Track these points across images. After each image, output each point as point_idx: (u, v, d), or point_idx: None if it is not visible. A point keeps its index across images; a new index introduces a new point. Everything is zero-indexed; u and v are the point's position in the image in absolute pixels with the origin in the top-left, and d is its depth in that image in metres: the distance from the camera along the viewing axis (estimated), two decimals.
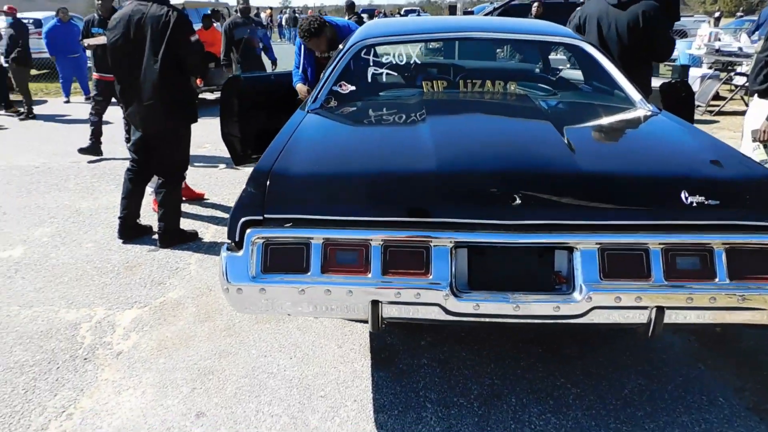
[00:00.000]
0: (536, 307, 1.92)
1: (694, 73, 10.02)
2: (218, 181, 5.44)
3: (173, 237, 3.92)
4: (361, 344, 2.75)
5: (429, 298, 1.93)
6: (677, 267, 1.90)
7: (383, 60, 3.31)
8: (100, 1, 5.94)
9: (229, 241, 2.05)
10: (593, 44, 3.28)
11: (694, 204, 1.92)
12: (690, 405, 2.32)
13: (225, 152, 4.41)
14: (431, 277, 1.94)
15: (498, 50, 4.55)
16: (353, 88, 3.15)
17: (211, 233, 4.17)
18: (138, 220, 4.06)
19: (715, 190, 1.95)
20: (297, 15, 32.16)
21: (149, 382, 2.52)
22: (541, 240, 1.95)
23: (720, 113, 8.76)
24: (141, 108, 3.65)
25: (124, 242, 3.97)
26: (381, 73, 3.28)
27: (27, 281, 3.45)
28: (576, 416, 2.27)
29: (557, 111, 2.82)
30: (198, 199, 4.87)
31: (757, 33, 11.61)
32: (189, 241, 3.96)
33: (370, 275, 1.96)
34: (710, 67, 10.73)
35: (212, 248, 3.87)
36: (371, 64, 3.30)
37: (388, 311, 1.98)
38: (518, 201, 1.94)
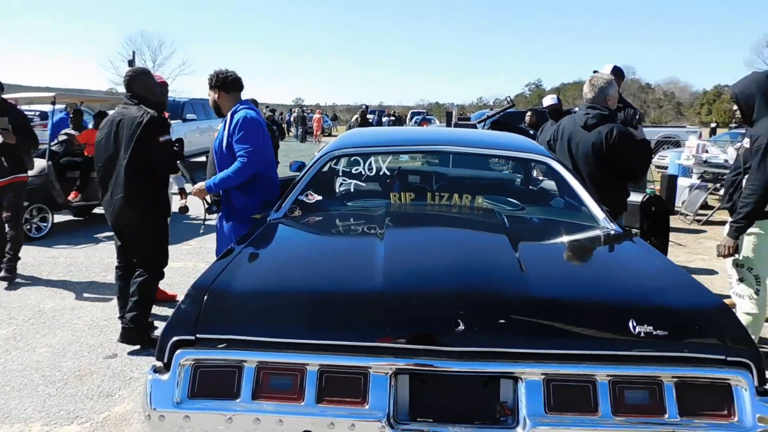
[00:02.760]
0: None
1: (683, 183, 10.21)
2: None
3: (138, 334, 3.86)
4: None
5: (364, 429, 1.81)
6: (625, 401, 1.79)
7: (352, 170, 3.36)
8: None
9: (158, 363, 1.96)
10: (560, 161, 3.33)
11: (643, 334, 1.85)
12: None
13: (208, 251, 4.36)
14: (368, 406, 1.83)
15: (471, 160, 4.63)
16: (320, 197, 3.17)
17: None
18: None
19: (665, 320, 1.89)
20: (305, 114, 33.39)
21: None
22: (486, 369, 1.86)
23: (708, 222, 8.80)
24: (112, 202, 3.81)
25: (122, 345, 3.88)
26: (350, 184, 3.32)
27: None
28: None
29: (518, 228, 2.80)
30: (170, 300, 4.78)
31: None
32: (151, 347, 3.84)
33: (303, 403, 1.85)
34: (699, 178, 10.95)
35: None
36: (340, 174, 3.35)
37: None
38: (462, 327, 1.86)
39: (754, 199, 3.21)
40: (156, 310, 4.37)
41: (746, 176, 3.32)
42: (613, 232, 2.76)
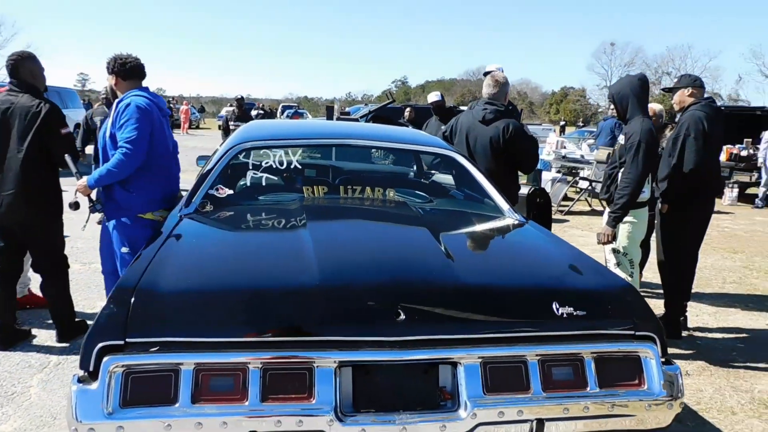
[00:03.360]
0: (423, 427, 1.86)
1: (546, 177, 11.12)
2: (78, 284, 4.90)
3: (72, 329, 3.79)
4: None
5: (312, 425, 1.81)
6: (553, 378, 1.96)
7: (262, 163, 3.28)
8: None
9: (82, 372, 1.80)
10: (463, 154, 3.51)
11: (565, 315, 2.03)
12: None
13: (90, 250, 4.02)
14: (314, 401, 1.82)
15: (374, 153, 4.70)
16: (230, 192, 3.06)
17: (60, 350, 3.68)
18: (16, 324, 3.80)
19: (583, 301, 2.08)
20: (171, 105, 31.40)
21: None
22: (425, 356, 1.93)
23: (569, 213, 9.69)
24: (1, 198, 3.47)
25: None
26: (260, 177, 3.23)
27: None
28: None
29: (435, 220, 2.92)
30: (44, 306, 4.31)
31: (595, 142, 13.23)
32: (20, 341, 3.67)
33: (247, 403, 1.80)
34: (558, 171, 12.00)
35: (60, 367, 3.40)
36: (250, 167, 3.25)
37: None
38: (402, 316, 1.92)
39: (628, 191, 3.63)
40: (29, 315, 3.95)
41: (621, 170, 3.74)
42: (518, 222, 2.97)
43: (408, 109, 11.39)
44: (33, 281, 4.22)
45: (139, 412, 1.76)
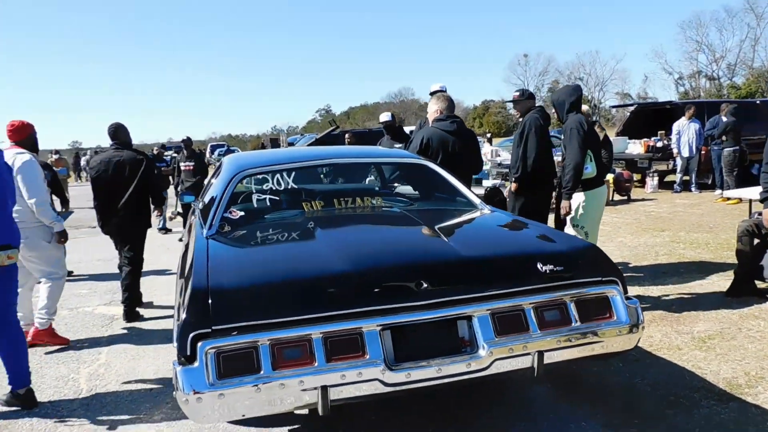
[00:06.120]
0: (453, 367, 2.38)
1: (486, 184, 11.95)
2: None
3: (133, 312, 5.25)
4: None
5: (370, 374, 2.29)
6: (545, 319, 2.53)
7: (263, 187, 3.73)
8: None
9: (180, 357, 2.21)
10: (432, 162, 4.10)
11: (547, 271, 2.61)
12: None
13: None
14: (368, 357, 2.31)
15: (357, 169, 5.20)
16: (242, 213, 3.49)
17: (89, 373, 3.95)
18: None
19: (559, 260, 2.68)
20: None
21: None
22: (446, 314, 2.46)
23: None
24: (120, 220, 5.17)
25: None
26: (264, 199, 3.68)
27: None
28: None
29: (422, 216, 3.46)
30: (58, 344, 4.58)
31: None
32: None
33: (316, 364, 2.27)
34: (495, 178, 12.87)
35: (94, 391, 3.69)
36: (253, 191, 3.70)
37: (336, 393, 2.28)
38: (424, 285, 2.44)
39: (571, 167, 4.42)
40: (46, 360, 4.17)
41: (566, 156, 4.47)
42: (492, 210, 3.57)
43: (348, 134, 12.15)
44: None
45: (233, 381, 2.19)
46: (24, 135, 4.41)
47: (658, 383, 3.38)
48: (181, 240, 8.47)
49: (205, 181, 6.16)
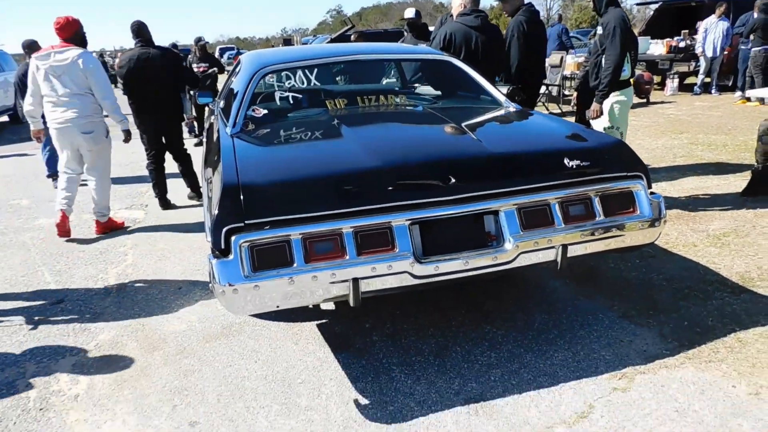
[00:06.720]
0: (480, 260, 2.45)
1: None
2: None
3: (197, 189, 5.77)
4: (314, 338, 3.06)
5: (399, 267, 2.37)
6: (570, 213, 2.57)
7: (285, 84, 3.67)
8: None
9: (214, 251, 2.29)
10: (458, 59, 3.99)
11: (573, 166, 2.61)
12: (583, 323, 3.02)
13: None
14: (397, 250, 2.37)
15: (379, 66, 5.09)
16: (266, 111, 3.46)
17: (117, 273, 4.12)
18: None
19: (586, 155, 2.67)
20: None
21: (125, 412, 2.57)
22: (473, 209, 2.50)
23: None
24: (157, 116, 5.36)
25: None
26: (287, 96, 3.63)
27: None
28: (508, 348, 2.83)
29: (448, 113, 3.41)
30: (118, 229, 5.08)
31: None
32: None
33: (347, 257, 2.33)
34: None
35: (125, 290, 3.86)
36: (276, 89, 3.64)
37: (366, 286, 2.36)
38: (452, 180, 2.46)
39: (611, 69, 4.25)
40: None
41: (604, 56, 4.31)
42: (517, 108, 3.51)
43: (354, 36, 11.60)
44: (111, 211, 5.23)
45: (267, 273, 2.27)
46: (71, 32, 4.47)
47: (673, 277, 3.47)
48: (198, 144, 8.44)
49: (221, 83, 6.15)
